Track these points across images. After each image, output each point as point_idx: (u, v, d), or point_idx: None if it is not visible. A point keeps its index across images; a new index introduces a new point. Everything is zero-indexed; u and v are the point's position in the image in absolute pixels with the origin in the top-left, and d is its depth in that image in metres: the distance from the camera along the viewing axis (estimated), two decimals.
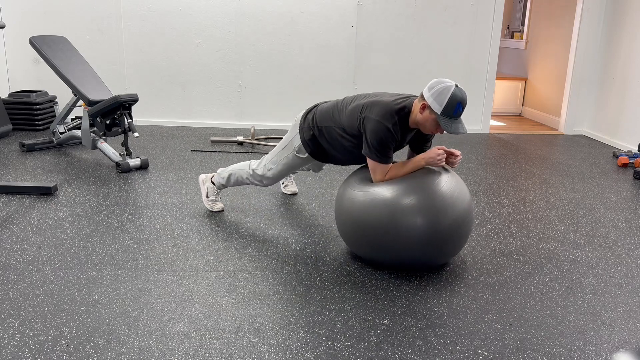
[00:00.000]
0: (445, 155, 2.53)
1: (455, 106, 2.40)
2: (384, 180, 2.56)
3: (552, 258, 2.85)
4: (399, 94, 2.62)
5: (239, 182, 3.20)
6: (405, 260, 2.53)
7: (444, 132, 2.45)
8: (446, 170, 2.60)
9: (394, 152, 2.67)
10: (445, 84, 2.41)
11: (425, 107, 2.44)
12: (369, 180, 2.63)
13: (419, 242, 2.44)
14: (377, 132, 2.49)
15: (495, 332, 2.15)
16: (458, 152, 2.59)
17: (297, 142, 2.89)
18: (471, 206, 2.59)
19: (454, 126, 2.42)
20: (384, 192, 2.48)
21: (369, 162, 2.58)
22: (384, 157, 2.52)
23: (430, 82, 2.46)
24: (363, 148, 2.60)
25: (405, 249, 2.47)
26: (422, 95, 2.47)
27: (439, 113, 2.41)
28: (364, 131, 2.57)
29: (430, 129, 2.50)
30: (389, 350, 2.00)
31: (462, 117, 5.99)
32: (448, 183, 2.51)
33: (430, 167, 2.56)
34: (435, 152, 2.51)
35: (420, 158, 2.53)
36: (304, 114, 2.90)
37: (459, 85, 2.43)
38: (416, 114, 2.49)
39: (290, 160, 2.96)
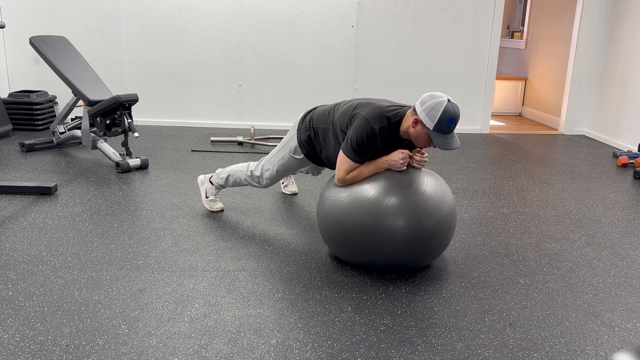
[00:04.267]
0: (408, 159, 2.48)
1: (447, 122, 2.37)
2: (345, 182, 2.53)
3: (552, 258, 2.85)
4: (395, 103, 2.60)
5: (237, 183, 3.20)
6: (386, 263, 2.50)
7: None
8: (427, 171, 2.59)
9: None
10: (438, 99, 2.38)
11: (417, 122, 2.42)
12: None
13: (400, 244, 2.41)
14: (361, 128, 2.48)
15: (495, 332, 2.15)
16: (423, 151, 2.55)
17: (294, 143, 2.89)
18: (454, 208, 2.56)
19: (446, 142, 2.41)
20: (366, 192, 2.45)
21: (339, 155, 2.56)
22: (355, 154, 2.50)
23: (423, 97, 2.43)
24: (343, 142, 2.58)
25: (386, 251, 2.44)
26: (414, 109, 2.45)
27: (431, 129, 2.39)
28: (350, 126, 2.56)
29: (423, 143, 2.48)
30: (389, 350, 2.00)
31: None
32: (430, 184, 2.48)
33: (396, 168, 2.50)
34: (398, 155, 2.46)
35: (384, 160, 2.49)
36: (303, 115, 2.90)
37: (451, 100, 2.40)
38: (407, 127, 2.47)
39: (286, 162, 2.96)
